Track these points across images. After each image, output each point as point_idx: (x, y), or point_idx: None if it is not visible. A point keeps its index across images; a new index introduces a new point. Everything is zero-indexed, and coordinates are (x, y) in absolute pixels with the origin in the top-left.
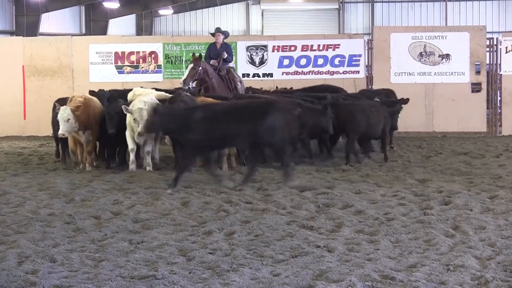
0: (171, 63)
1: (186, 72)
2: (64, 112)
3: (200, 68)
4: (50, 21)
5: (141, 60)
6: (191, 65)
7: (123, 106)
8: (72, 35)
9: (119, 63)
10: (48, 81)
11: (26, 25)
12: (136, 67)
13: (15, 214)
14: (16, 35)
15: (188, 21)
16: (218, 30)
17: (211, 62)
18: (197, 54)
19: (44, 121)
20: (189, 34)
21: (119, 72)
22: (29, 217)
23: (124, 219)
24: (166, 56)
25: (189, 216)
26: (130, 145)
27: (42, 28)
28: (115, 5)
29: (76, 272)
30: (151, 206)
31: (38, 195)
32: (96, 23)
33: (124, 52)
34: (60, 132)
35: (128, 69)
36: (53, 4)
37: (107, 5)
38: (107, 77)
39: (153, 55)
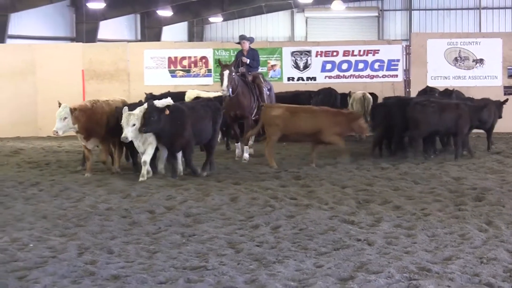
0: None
1: (226, 79)
2: (62, 110)
3: (234, 74)
4: (107, 28)
5: (192, 65)
6: (227, 71)
7: (116, 108)
8: (128, 41)
9: (172, 68)
10: (106, 85)
11: (85, 32)
12: (188, 71)
13: (76, 209)
14: (77, 41)
15: (237, 28)
16: (242, 37)
17: (239, 69)
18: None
19: None
20: (237, 40)
21: (172, 76)
22: (88, 211)
23: (177, 214)
24: (216, 61)
25: (238, 211)
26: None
27: (101, 35)
28: (169, 13)
29: (132, 263)
30: (202, 201)
31: (97, 190)
32: (150, 30)
33: (176, 57)
34: (54, 129)
35: (180, 73)
36: (111, 12)
37: (160, 13)
38: (160, 81)
39: (203, 60)
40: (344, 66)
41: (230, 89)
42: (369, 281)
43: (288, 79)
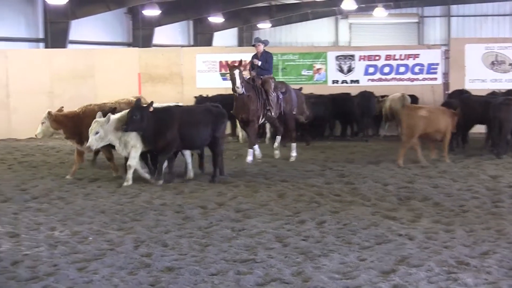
0: None
1: (238, 78)
2: (43, 115)
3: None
4: (162, 34)
5: (242, 68)
6: (237, 71)
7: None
8: (182, 46)
9: (223, 71)
10: (161, 87)
11: (141, 37)
12: None
13: (132, 204)
14: (133, 46)
15: (284, 34)
16: (257, 40)
17: (255, 61)
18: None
19: None
20: (284, 45)
21: (223, 79)
22: (144, 206)
23: (227, 209)
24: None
25: (285, 206)
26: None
27: (156, 40)
28: (220, 20)
29: (185, 256)
30: (251, 197)
31: (152, 187)
32: (202, 36)
33: (227, 61)
34: (36, 132)
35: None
36: (165, 19)
37: (212, 20)
38: (212, 84)
39: None
40: (386, 69)
41: (244, 88)
42: (410, 274)
43: (333, 82)
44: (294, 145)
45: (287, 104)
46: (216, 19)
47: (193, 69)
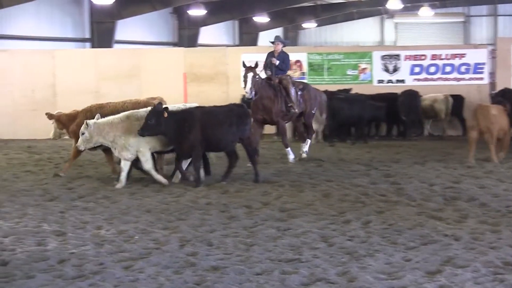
0: (314, 71)
1: (249, 81)
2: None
3: (257, 77)
4: (207, 34)
5: None
6: (251, 74)
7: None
8: (227, 46)
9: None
10: (206, 87)
11: (187, 37)
12: None
13: (177, 203)
14: (179, 46)
15: (329, 33)
16: (277, 38)
17: (273, 60)
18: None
19: None
20: (329, 44)
21: None
22: (189, 205)
23: (272, 209)
24: (310, 64)
25: (330, 206)
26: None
27: (201, 40)
28: (265, 20)
29: (230, 255)
30: (296, 197)
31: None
32: (247, 35)
33: (244, 61)
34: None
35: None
36: (211, 19)
37: (257, 19)
38: None
39: (298, 63)
40: (432, 69)
41: (253, 92)
42: (456, 275)
43: (378, 81)
44: (308, 140)
45: (306, 102)
46: (261, 18)
47: (238, 68)
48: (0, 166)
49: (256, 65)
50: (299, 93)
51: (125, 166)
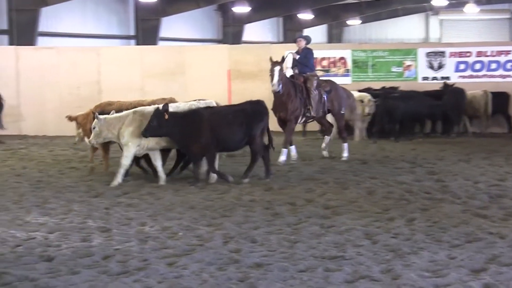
0: (358, 68)
1: (276, 75)
2: None
3: (284, 70)
4: (252, 31)
5: (331, 65)
6: (278, 67)
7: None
8: (271, 43)
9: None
10: (250, 84)
11: (231, 34)
12: (327, 71)
13: (222, 200)
14: (223, 43)
15: (374, 30)
16: (299, 35)
17: (294, 55)
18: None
19: None
20: (374, 41)
21: None
22: (233, 202)
23: (316, 206)
24: (354, 61)
25: (374, 204)
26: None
27: (245, 37)
28: (309, 17)
29: (274, 252)
30: (340, 194)
31: (241, 183)
32: (292, 33)
33: (316, 58)
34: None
35: (320, 73)
36: (255, 16)
37: (301, 16)
38: None
39: (342, 60)
40: (477, 66)
41: (280, 85)
42: (501, 273)
43: (423, 78)
44: (345, 145)
45: (333, 103)
46: (305, 15)
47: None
48: (46, 162)
49: (283, 59)
50: (324, 96)
51: (125, 162)
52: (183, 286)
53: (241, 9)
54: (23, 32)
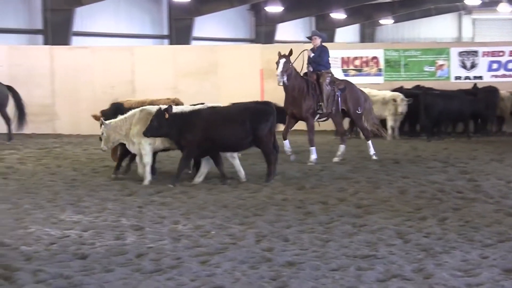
0: (391, 67)
1: (280, 66)
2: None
3: (290, 64)
4: (284, 30)
5: (364, 64)
6: (283, 59)
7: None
8: (303, 42)
9: (345, 67)
10: None
11: (264, 34)
12: (360, 70)
13: (254, 199)
14: (256, 43)
15: (406, 29)
16: (314, 33)
17: (308, 52)
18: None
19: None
20: (407, 40)
21: (345, 75)
22: (266, 201)
23: (348, 205)
24: (387, 61)
25: (406, 203)
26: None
27: (278, 36)
28: (342, 16)
29: (306, 251)
30: (372, 193)
31: (273, 182)
32: (324, 32)
33: (349, 57)
34: None
35: (353, 72)
36: (288, 15)
37: (334, 16)
38: None
39: (374, 60)
40: (510, 65)
41: (285, 77)
42: None
43: (455, 78)
44: (369, 143)
45: (347, 103)
46: (338, 15)
47: None
48: (80, 161)
49: (290, 52)
50: (337, 93)
51: (146, 160)
52: (216, 284)
53: (274, 9)
54: (58, 32)
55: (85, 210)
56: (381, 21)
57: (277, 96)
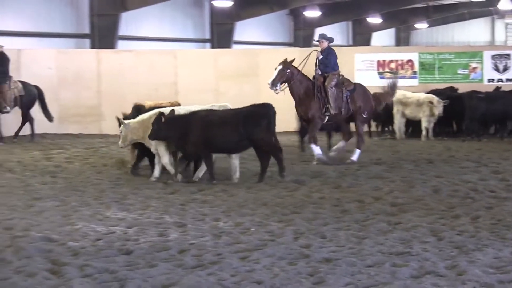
0: (425, 70)
1: (275, 73)
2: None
3: (288, 70)
4: None
5: (399, 67)
6: (280, 67)
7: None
8: (340, 46)
9: (380, 70)
10: None
11: (302, 37)
12: (395, 73)
13: (292, 197)
14: (294, 46)
15: (440, 33)
16: (322, 36)
17: (316, 53)
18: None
19: None
20: (441, 44)
21: (380, 78)
22: (304, 200)
23: (383, 203)
24: (421, 64)
25: (440, 201)
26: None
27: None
28: (378, 21)
29: (342, 247)
30: (407, 192)
31: (311, 181)
32: (361, 36)
33: (385, 60)
34: None
35: (388, 75)
36: (325, 20)
37: (370, 20)
38: (370, 82)
39: (409, 63)
40: None
41: (279, 86)
42: None
43: (488, 80)
44: (358, 151)
45: (356, 104)
46: (374, 19)
47: (351, 68)
48: (125, 160)
49: (292, 60)
50: (345, 94)
51: (164, 160)
52: (255, 280)
53: (312, 14)
54: (104, 36)
55: (129, 208)
56: (416, 25)
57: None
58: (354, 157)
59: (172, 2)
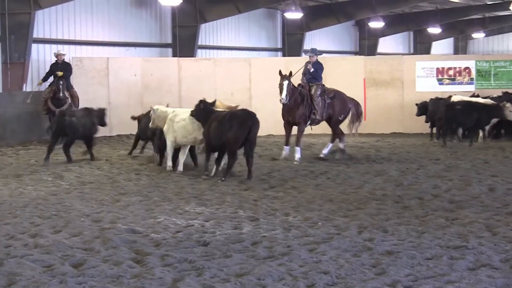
0: (482, 77)
1: (285, 89)
2: None
3: (292, 84)
4: (385, 44)
5: (457, 74)
6: (286, 82)
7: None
8: (402, 54)
9: (439, 76)
10: (383, 91)
11: (367, 46)
12: (453, 79)
13: (356, 194)
14: (359, 55)
15: (496, 42)
16: (313, 51)
17: (309, 66)
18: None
19: (382, 122)
20: (496, 53)
21: (439, 84)
22: (367, 196)
23: (442, 200)
24: (478, 71)
25: (495, 199)
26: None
27: (379, 49)
28: (437, 31)
29: (403, 241)
30: (464, 190)
31: (375, 179)
32: (421, 45)
33: (443, 67)
34: None
35: (447, 81)
36: (388, 30)
37: (430, 30)
38: (429, 88)
39: (467, 70)
40: None
41: (288, 98)
42: None
43: None
44: (330, 145)
45: (334, 109)
46: (434, 30)
47: (412, 75)
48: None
49: (291, 73)
50: (327, 101)
51: (167, 150)
52: (322, 270)
53: (376, 24)
54: (185, 45)
55: (207, 203)
56: (473, 35)
57: (378, 102)
58: (326, 150)
59: (247, 14)
